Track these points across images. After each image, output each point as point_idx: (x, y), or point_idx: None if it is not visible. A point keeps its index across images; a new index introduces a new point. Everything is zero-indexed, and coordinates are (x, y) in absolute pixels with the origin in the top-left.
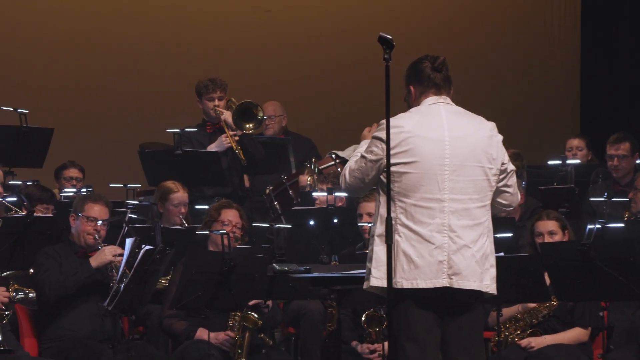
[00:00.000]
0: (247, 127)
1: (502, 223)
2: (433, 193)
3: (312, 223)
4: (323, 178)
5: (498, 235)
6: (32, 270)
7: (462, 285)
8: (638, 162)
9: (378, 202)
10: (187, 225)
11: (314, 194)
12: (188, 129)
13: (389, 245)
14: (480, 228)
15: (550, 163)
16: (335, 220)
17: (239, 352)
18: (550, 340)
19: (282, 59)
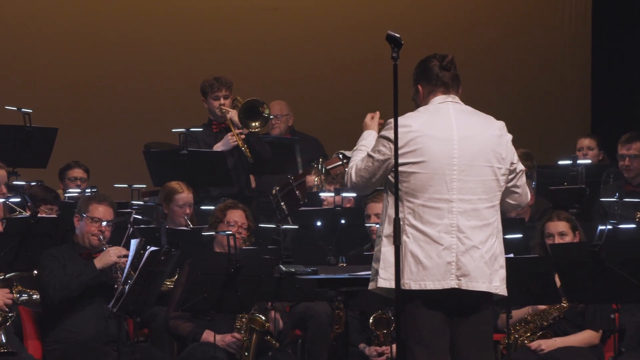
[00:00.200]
0: (253, 125)
1: (511, 224)
2: (441, 193)
3: (319, 224)
4: (331, 178)
5: (508, 236)
6: (36, 272)
7: (470, 287)
8: None
9: (386, 202)
10: (192, 226)
11: (322, 195)
12: (194, 129)
13: (397, 247)
14: (489, 229)
15: (561, 163)
16: (343, 221)
17: (246, 354)
18: (561, 343)
19: (288, 58)
